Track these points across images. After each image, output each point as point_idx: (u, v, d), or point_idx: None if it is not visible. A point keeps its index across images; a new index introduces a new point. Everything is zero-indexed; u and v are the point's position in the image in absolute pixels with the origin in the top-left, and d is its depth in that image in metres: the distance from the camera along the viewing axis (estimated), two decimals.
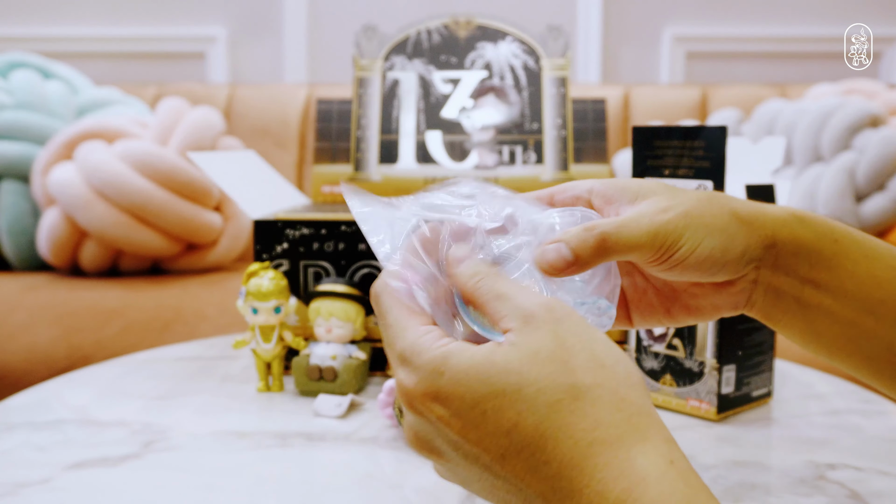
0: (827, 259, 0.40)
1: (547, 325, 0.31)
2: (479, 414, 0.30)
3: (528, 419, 0.29)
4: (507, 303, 0.33)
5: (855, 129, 1.51)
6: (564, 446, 0.29)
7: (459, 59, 1.00)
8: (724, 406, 0.68)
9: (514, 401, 0.30)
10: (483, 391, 0.30)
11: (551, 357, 0.30)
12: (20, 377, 1.15)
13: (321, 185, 0.97)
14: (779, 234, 0.39)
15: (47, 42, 2.16)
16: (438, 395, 0.31)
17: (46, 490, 0.53)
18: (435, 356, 0.31)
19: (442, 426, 0.31)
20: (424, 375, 0.31)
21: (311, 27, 2.20)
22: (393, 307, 0.35)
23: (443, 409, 0.31)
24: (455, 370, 0.31)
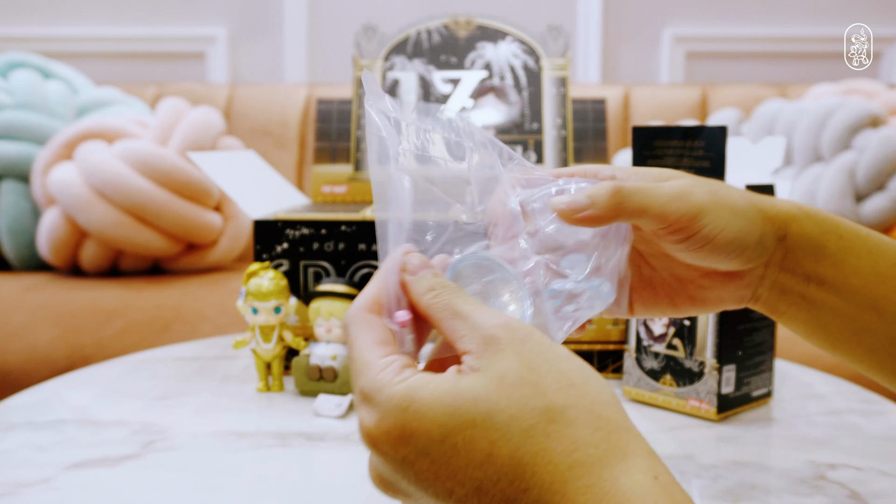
0: (832, 255, 0.40)
1: (510, 347, 0.30)
2: (449, 447, 0.28)
3: (503, 448, 0.28)
4: (466, 323, 0.31)
5: (855, 129, 1.51)
6: (544, 472, 0.28)
7: (459, 59, 1.00)
8: (724, 406, 0.68)
9: (485, 430, 0.28)
10: (452, 424, 0.28)
11: (520, 381, 0.29)
12: (20, 377, 1.15)
13: (321, 185, 0.97)
14: (789, 227, 0.39)
15: (47, 42, 2.16)
16: (404, 433, 0.29)
17: (46, 490, 0.53)
18: (397, 391, 0.30)
19: (406, 467, 0.29)
20: (387, 412, 0.29)
21: (311, 27, 2.20)
22: (357, 339, 0.33)
23: (407, 448, 0.29)
24: (420, 403, 0.29)
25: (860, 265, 0.40)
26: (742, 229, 0.38)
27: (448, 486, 0.29)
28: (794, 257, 0.40)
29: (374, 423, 0.30)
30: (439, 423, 0.29)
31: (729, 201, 0.38)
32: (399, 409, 0.29)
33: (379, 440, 0.30)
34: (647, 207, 0.37)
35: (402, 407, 0.29)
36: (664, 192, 0.37)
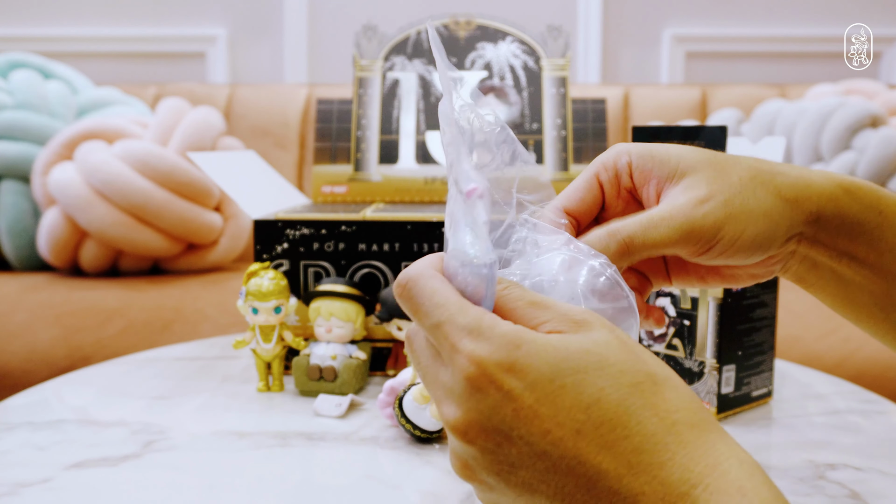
0: (869, 231, 0.39)
1: (605, 329, 0.31)
2: (557, 387, 0.29)
3: (612, 395, 0.29)
4: (548, 310, 0.31)
5: (855, 129, 1.51)
6: (649, 423, 0.29)
7: (459, 59, 1.00)
8: (724, 406, 0.68)
9: (596, 377, 0.29)
10: (563, 366, 0.29)
11: (623, 348, 0.30)
12: (20, 377, 1.15)
13: (321, 185, 0.97)
14: (824, 208, 0.38)
15: (47, 42, 2.16)
16: (514, 366, 0.29)
17: (46, 490, 0.53)
18: (510, 329, 0.30)
19: (510, 400, 0.29)
20: (501, 345, 0.29)
21: (311, 27, 2.20)
22: (441, 288, 0.32)
23: (517, 380, 0.29)
24: (533, 345, 0.29)
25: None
26: (761, 233, 0.37)
27: (546, 425, 0.29)
28: (827, 234, 0.39)
29: (487, 353, 0.29)
30: (551, 363, 0.29)
31: (747, 207, 0.37)
32: (512, 344, 0.29)
33: (489, 369, 0.29)
34: (660, 248, 0.37)
35: (516, 343, 0.29)
36: (676, 224, 0.36)
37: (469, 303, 0.31)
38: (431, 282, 0.32)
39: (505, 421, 0.29)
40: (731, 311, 0.67)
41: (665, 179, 0.38)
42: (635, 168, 0.39)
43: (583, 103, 0.99)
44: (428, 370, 0.32)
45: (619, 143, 0.40)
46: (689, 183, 0.37)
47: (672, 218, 0.37)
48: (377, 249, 0.78)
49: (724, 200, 0.37)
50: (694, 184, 0.37)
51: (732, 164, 0.38)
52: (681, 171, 0.38)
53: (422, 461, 0.58)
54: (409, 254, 0.78)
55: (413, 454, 0.60)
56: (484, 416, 0.30)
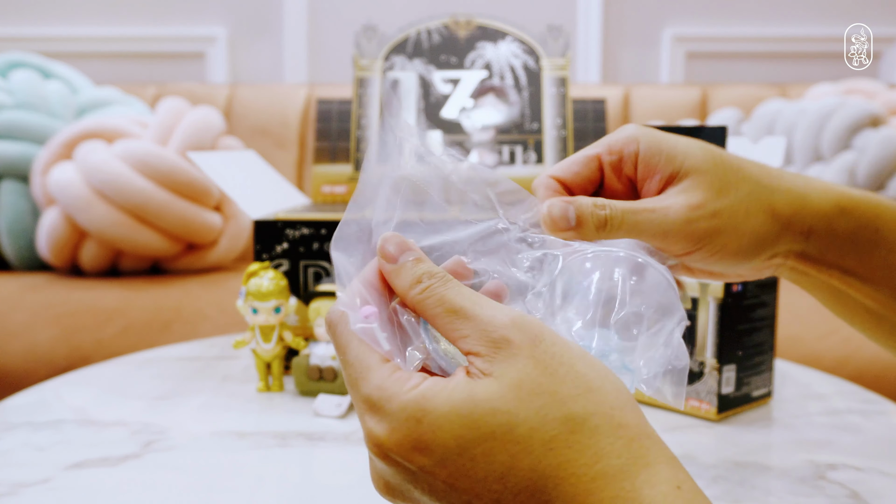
0: (862, 248, 0.39)
1: (523, 350, 0.28)
2: (468, 460, 0.27)
3: (524, 461, 0.27)
4: (469, 322, 0.29)
5: (855, 129, 1.51)
6: (566, 484, 0.27)
7: (459, 59, 1.00)
8: (724, 406, 0.68)
9: (505, 443, 0.27)
10: (470, 436, 0.27)
11: (538, 388, 0.28)
12: (20, 377, 1.15)
13: (321, 185, 0.97)
14: (816, 227, 0.38)
15: (47, 42, 2.16)
16: (419, 444, 0.27)
17: (46, 490, 0.53)
18: (408, 400, 0.28)
19: (425, 475, 0.28)
20: (400, 423, 0.28)
21: (311, 27, 2.20)
22: (351, 342, 0.30)
23: (425, 458, 0.27)
24: (435, 414, 0.27)
25: (892, 260, 0.39)
26: (748, 247, 0.37)
27: (465, 498, 0.28)
28: (816, 250, 0.39)
29: (384, 434, 0.28)
30: (456, 434, 0.27)
31: (736, 223, 0.37)
32: (413, 419, 0.28)
33: (391, 451, 0.28)
34: (638, 234, 0.36)
35: (416, 418, 0.28)
36: (657, 222, 0.36)
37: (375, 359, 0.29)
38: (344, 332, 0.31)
39: (423, 495, 0.28)
40: (732, 311, 0.67)
41: (668, 177, 0.38)
42: (641, 159, 0.38)
43: (583, 103, 0.99)
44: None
45: (629, 127, 0.39)
46: (688, 185, 0.37)
47: (662, 215, 0.36)
48: None
49: (715, 211, 0.36)
50: (693, 187, 0.37)
51: (736, 171, 0.38)
52: (684, 170, 0.37)
53: None
54: None
55: None
56: (403, 486, 0.29)
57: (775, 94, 1.86)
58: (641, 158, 0.38)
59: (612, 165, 0.39)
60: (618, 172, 0.39)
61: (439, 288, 0.30)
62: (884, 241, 0.39)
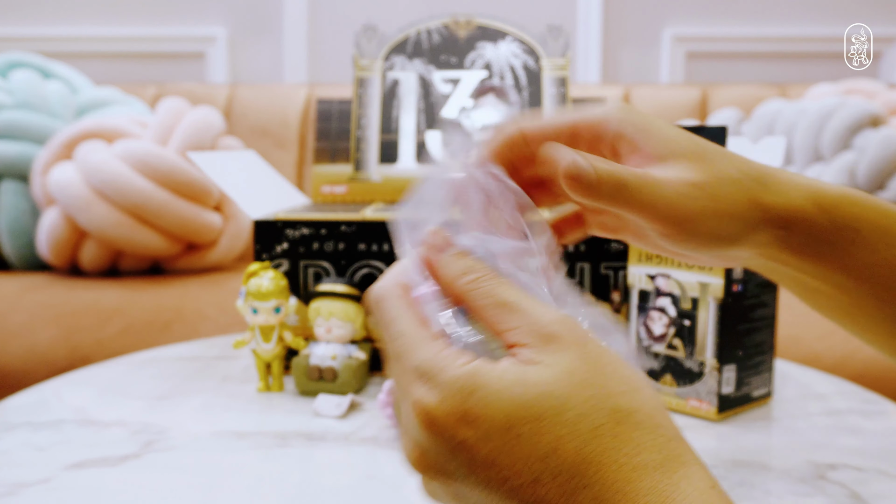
0: (840, 247, 0.38)
1: (573, 347, 0.29)
2: (513, 437, 0.28)
3: (569, 444, 0.28)
4: (518, 315, 0.30)
5: (855, 129, 1.51)
6: (608, 470, 0.27)
7: (459, 59, 1.00)
8: (724, 406, 0.68)
9: (553, 425, 0.28)
10: (518, 414, 0.28)
11: (588, 380, 0.28)
12: (20, 377, 1.15)
13: (321, 185, 0.97)
14: (793, 222, 0.38)
15: (47, 42, 2.16)
16: (467, 416, 0.28)
17: (46, 490, 0.53)
18: (461, 374, 0.29)
19: (465, 450, 0.28)
20: (451, 394, 0.28)
21: (311, 27, 2.20)
22: (403, 315, 0.31)
23: (471, 431, 0.28)
24: (486, 390, 0.28)
25: (872, 257, 0.38)
26: (727, 236, 0.36)
27: (504, 474, 0.28)
28: (789, 248, 0.38)
29: (435, 402, 0.28)
30: (506, 412, 0.28)
31: (721, 206, 0.36)
32: (465, 391, 0.28)
33: (439, 420, 0.28)
34: (643, 207, 0.35)
35: (468, 390, 0.28)
36: (664, 196, 0.35)
37: (427, 333, 0.30)
38: (395, 306, 0.31)
39: (460, 468, 0.29)
40: (732, 311, 0.67)
41: (653, 157, 0.36)
42: (624, 138, 0.36)
43: (583, 103, 0.99)
44: (396, 396, 0.32)
45: (615, 107, 0.37)
46: (677, 166, 0.36)
47: (669, 187, 0.35)
48: (377, 249, 0.78)
49: (713, 194, 0.35)
50: (686, 168, 0.36)
51: (721, 159, 0.37)
52: (671, 151, 0.36)
53: None
54: None
55: None
56: (440, 459, 0.29)
57: (775, 94, 1.86)
58: (625, 137, 0.36)
59: (589, 141, 0.37)
60: (592, 150, 0.37)
61: (489, 281, 0.31)
62: (863, 242, 0.38)
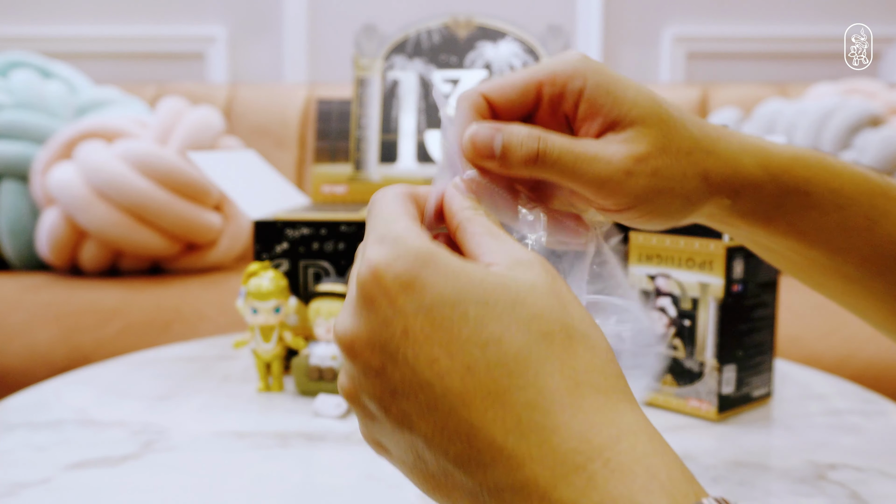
0: (792, 211, 0.38)
1: (543, 274, 0.27)
2: (458, 314, 0.26)
3: (516, 338, 0.25)
4: (500, 243, 0.28)
5: (855, 129, 1.51)
6: (550, 378, 0.25)
7: (459, 58, 1.00)
8: (724, 406, 0.68)
9: (503, 315, 0.26)
10: (470, 295, 0.26)
11: (549, 292, 0.27)
12: (20, 377, 1.15)
13: (321, 185, 0.97)
14: (741, 189, 0.37)
15: (47, 42, 2.15)
16: (414, 283, 0.26)
17: (46, 490, 0.53)
18: (425, 245, 0.27)
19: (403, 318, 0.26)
20: (405, 257, 0.26)
21: (311, 27, 2.20)
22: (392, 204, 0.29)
23: (411, 299, 0.26)
24: (442, 265, 0.26)
25: (824, 220, 0.38)
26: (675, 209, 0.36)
27: (435, 353, 0.26)
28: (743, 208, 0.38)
29: (385, 259, 0.27)
30: (457, 288, 0.26)
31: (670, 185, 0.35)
32: (420, 259, 0.26)
33: (386, 280, 0.26)
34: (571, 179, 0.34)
35: (424, 259, 0.26)
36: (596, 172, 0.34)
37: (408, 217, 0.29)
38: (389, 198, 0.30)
39: (392, 339, 0.26)
40: (732, 311, 0.67)
41: (611, 123, 0.35)
42: (585, 98, 0.35)
43: None
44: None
45: (577, 56, 0.35)
46: (632, 135, 0.35)
47: (604, 163, 0.34)
48: None
49: (655, 168, 0.35)
50: (636, 138, 0.35)
51: (679, 129, 0.36)
52: (630, 119, 0.35)
53: None
54: None
55: None
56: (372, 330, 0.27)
57: (775, 94, 1.86)
58: (586, 97, 0.35)
59: (552, 99, 0.35)
60: (554, 106, 0.36)
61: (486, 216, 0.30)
62: (814, 205, 0.38)
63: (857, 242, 0.39)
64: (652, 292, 0.70)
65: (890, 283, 0.40)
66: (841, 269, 0.40)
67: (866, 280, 0.40)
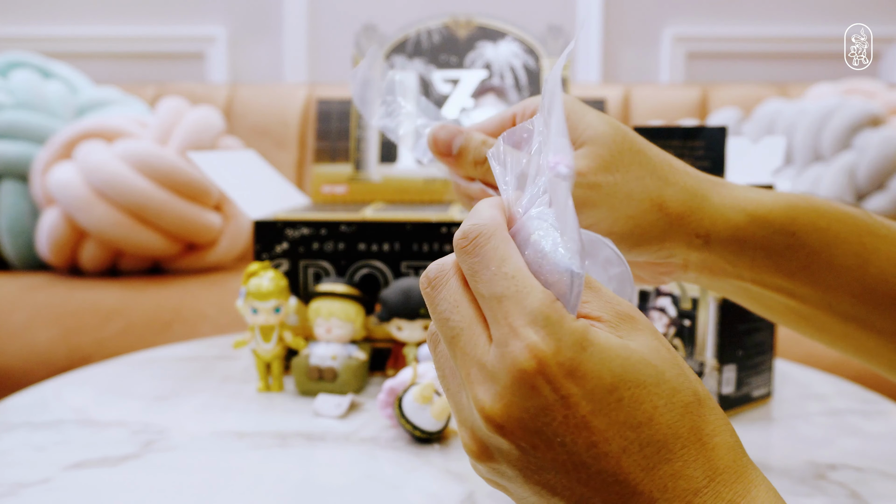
0: (778, 254, 0.38)
1: (649, 330, 0.29)
2: (615, 400, 0.27)
3: (664, 416, 0.28)
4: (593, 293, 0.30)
5: (855, 129, 1.51)
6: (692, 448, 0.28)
7: (459, 58, 1.00)
8: (724, 406, 0.68)
9: (652, 395, 0.28)
10: (624, 377, 0.27)
11: (672, 360, 0.29)
12: (20, 377, 1.15)
13: (321, 185, 0.97)
14: (716, 230, 0.38)
15: (47, 42, 2.15)
16: (578, 370, 0.27)
17: (46, 490, 0.53)
18: (577, 328, 0.28)
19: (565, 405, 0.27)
20: (567, 345, 0.27)
21: (311, 27, 2.20)
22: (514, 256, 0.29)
23: (576, 386, 0.27)
24: (598, 348, 0.28)
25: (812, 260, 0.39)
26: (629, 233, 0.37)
27: (594, 438, 0.27)
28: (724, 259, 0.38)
29: (552, 350, 0.27)
30: (614, 372, 0.27)
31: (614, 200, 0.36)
32: (579, 345, 0.27)
33: (551, 369, 0.27)
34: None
35: (582, 345, 0.27)
36: None
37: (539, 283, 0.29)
38: (505, 246, 0.29)
39: (551, 425, 0.27)
40: (732, 311, 0.67)
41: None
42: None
43: None
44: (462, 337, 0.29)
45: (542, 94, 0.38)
46: (580, 153, 0.37)
47: None
48: (377, 249, 0.78)
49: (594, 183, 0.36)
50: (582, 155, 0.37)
51: (632, 154, 0.37)
52: (581, 140, 0.37)
53: (422, 461, 0.58)
54: (408, 254, 0.78)
55: (413, 454, 0.60)
56: (529, 414, 0.28)
57: (775, 94, 1.86)
58: None
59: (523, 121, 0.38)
60: None
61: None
62: (801, 244, 0.39)
63: (847, 280, 0.39)
64: (652, 292, 0.70)
65: (890, 320, 0.40)
66: (835, 308, 0.40)
67: (863, 316, 0.40)
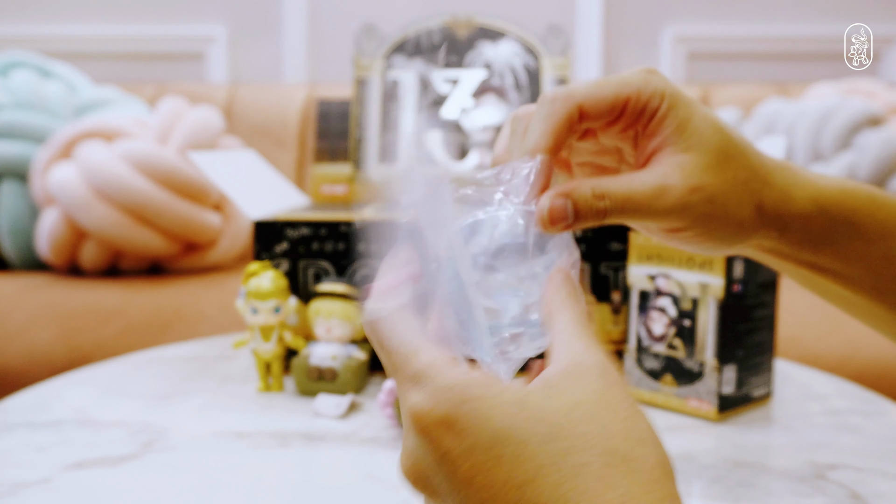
0: (838, 243, 0.39)
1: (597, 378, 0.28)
2: (494, 457, 0.27)
3: (549, 477, 0.26)
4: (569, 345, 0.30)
5: (855, 129, 1.51)
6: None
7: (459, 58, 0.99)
8: (724, 406, 0.68)
9: (536, 453, 0.26)
10: (504, 434, 0.27)
11: (591, 416, 0.27)
12: (20, 377, 1.15)
13: (321, 185, 0.97)
14: (791, 224, 0.38)
15: (47, 42, 2.15)
16: (455, 424, 0.27)
17: (46, 490, 0.53)
18: (458, 381, 0.28)
19: (448, 462, 0.27)
20: (443, 399, 0.28)
21: (311, 27, 2.20)
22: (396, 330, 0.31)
23: (456, 441, 0.27)
24: (478, 403, 0.27)
25: (868, 250, 0.39)
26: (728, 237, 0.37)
27: (481, 496, 0.27)
28: (790, 247, 0.39)
29: (427, 406, 0.28)
30: (493, 429, 0.27)
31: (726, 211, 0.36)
32: (458, 398, 0.28)
33: (429, 425, 0.28)
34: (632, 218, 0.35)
35: (462, 398, 0.27)
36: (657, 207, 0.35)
37: (427, 344, 0.30)
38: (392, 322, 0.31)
39: (443, 482, 0.28)
40: (732, 311, 0.67)
41: (669, 144, 0.36)
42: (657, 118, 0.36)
43: None
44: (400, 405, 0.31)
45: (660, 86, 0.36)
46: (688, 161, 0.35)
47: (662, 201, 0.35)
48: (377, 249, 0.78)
49: (712, 195, 0.35)
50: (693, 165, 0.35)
51: (738, 157, 0.37)
52: (689, 145, 0.36)
53: None
54: None
55: None
56: (428, 470, 0.29)
57: (775, 94, 1.85)
58: (658, 117, 0.36)
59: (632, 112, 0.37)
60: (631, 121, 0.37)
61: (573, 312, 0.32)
62: (859, 235, 0.39)
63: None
64: (652, 292, 0.70)
65: None
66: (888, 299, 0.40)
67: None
